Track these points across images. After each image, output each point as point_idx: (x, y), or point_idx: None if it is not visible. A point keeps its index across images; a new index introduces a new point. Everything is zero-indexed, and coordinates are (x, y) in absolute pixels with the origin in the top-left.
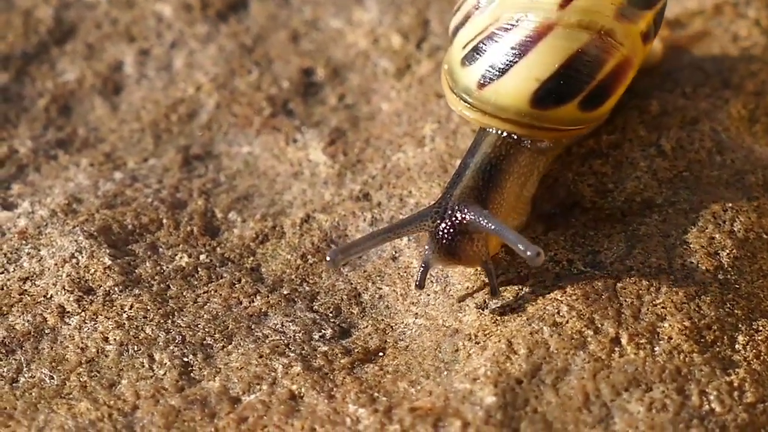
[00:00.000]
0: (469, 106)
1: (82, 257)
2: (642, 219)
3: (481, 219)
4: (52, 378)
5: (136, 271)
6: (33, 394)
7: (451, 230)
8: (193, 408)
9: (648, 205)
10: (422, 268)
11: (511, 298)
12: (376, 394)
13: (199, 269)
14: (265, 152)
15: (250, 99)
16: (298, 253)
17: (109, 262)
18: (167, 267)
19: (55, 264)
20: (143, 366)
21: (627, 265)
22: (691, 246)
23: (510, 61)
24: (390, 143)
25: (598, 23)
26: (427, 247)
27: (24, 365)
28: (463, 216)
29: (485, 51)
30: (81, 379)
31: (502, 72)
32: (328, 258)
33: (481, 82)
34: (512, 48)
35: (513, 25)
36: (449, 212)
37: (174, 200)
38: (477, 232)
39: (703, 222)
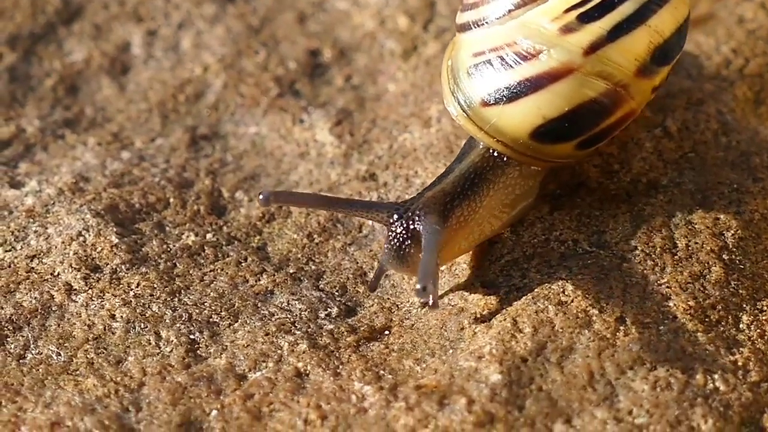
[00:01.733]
0: (466, 116)
1: (89, 235)
2: (647, 199)
3: (425, 235)
4: (59, 354)
5: (143, 249)
6: (40, 370)
7: (404, 233)
8: (200, 385)
9: (653, 186)
10: (377, 270)
11: (516, 277)
12: (381, 372)
13: (205, 248)
14: (272, 132)
15: (257, 79)
16: (305, 232)
17: (116, 241)
18: (174, 245)
19: (62, 242)
20: (150, 343)
21: (632, 245)
22: (696, 226)
23: (521, 92)
24: (396, 124)
25: (616, 77)
26: (385, 247)
27: (31, 342)
28: (417, 225)
29: (497, 71)
30: (88, 356)
31: (510, 99)
32: (261, 197)
33: (486, 100)
34: (527, 79)
35: (532, 56)
36: (409, 214)
37: (181, 180)
38: None
39: (709, 203)
